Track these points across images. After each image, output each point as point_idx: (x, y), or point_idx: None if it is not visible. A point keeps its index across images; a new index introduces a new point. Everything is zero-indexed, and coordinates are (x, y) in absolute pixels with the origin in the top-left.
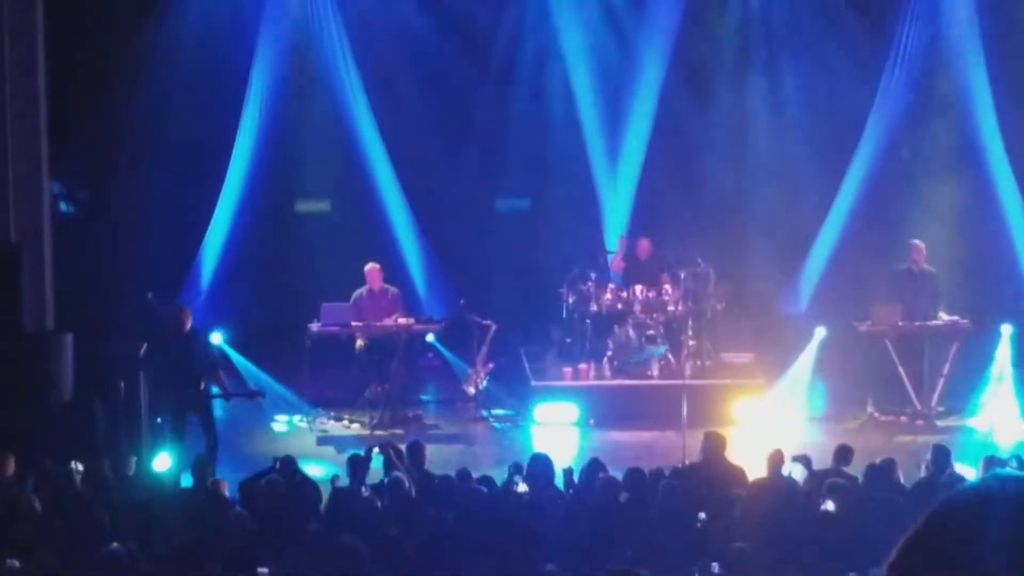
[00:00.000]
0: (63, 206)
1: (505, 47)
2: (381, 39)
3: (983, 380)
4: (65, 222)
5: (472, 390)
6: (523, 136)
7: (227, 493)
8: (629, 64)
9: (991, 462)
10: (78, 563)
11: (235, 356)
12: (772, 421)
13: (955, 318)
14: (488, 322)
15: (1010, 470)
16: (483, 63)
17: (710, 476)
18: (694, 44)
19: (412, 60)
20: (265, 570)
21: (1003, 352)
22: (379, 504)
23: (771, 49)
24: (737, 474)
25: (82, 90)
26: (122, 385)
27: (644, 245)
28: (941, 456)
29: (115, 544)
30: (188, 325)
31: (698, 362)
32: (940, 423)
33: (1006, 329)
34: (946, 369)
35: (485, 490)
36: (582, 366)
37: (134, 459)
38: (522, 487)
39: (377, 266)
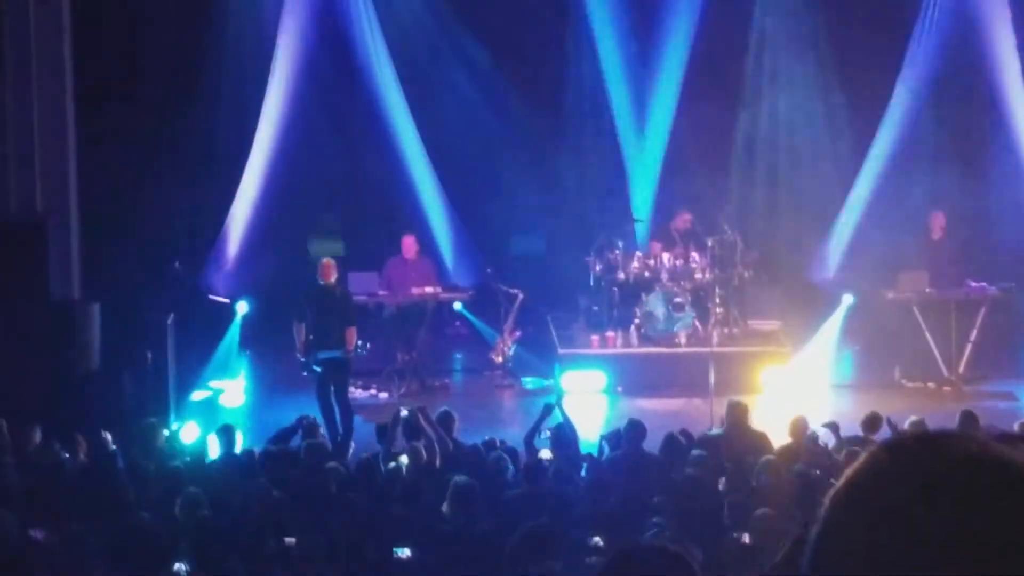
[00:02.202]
0: None
1: (531, 17)
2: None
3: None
4: (91, 192)
5: (500, 358)
6: (551, 106)
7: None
8: (657, 33)
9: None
10: (104, 533)
11: None
12: (799, 389)
13: (983, 284)
14: (515, 291)
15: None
16: (512, 33)
17: (734, 444)
18: (721, 14)
19: (436, 33)
20: (292, 540)
21: None
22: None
23: (798, 19)
24: (761, 441)
25: (109, 61)
26: (149, 355)
27: (684, 218)
28: (970, 422)
29: (143, 514)
30: (333, 277)
31: (725, 330)
32: (968, 390)
33: None
34: (974, 336)
35: (509, 460)
36: (609, 334)
37: (162, 429)
38: (545, 453)
39: (412, 237)
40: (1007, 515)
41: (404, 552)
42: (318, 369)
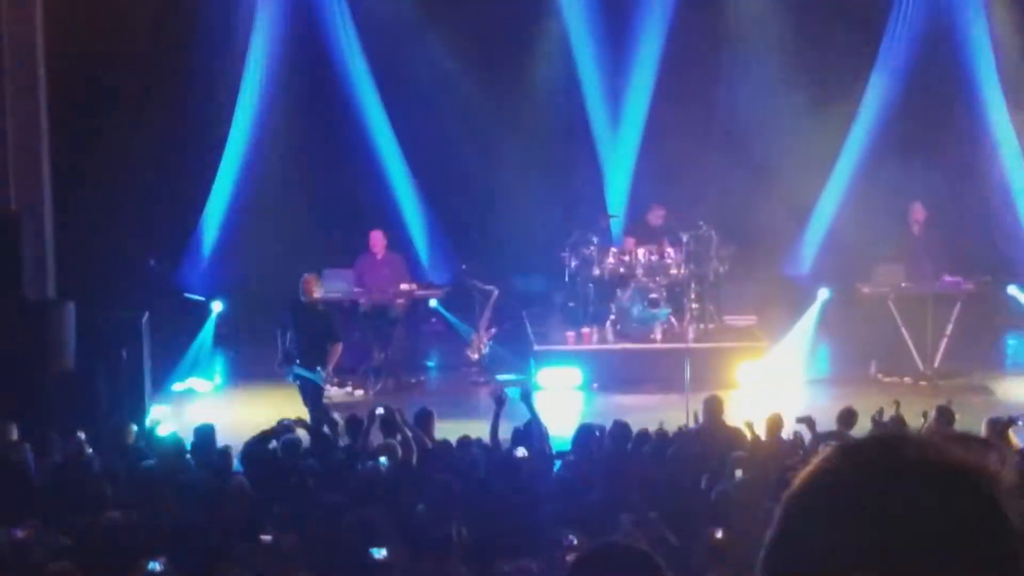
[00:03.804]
0: None
1: (505, 13)
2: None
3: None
4: (66, 190)
5: (475, 355)
6: (525, 101)
7: (233, 461)
8: (631, 28)
9: (995, 423)
10: (79, 532)
11: None
12: (775, 384)
13: (958, 279)
14: (490, 287)
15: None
16: (485, 27)
17: (710, 440)
18: (695, 8)
19: (409, 28)
20: (268, 537)
21: None
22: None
23: (772, 12)
24: (737, 437)
25: (83, 59)
26: (124, 353)
27: (657, 213)
28: (945, 417)
29: (116, 513)
30: (316, 294)
31: (701, 325)
32: (943, 384)
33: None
34: (949, 330)
35: (486, 456)
36: (585, 330)
37: (135, 427)
38: (521, 452)
39: (380, 232)
40: (959, 519)
41: (380, 553)
42: (294, 381)
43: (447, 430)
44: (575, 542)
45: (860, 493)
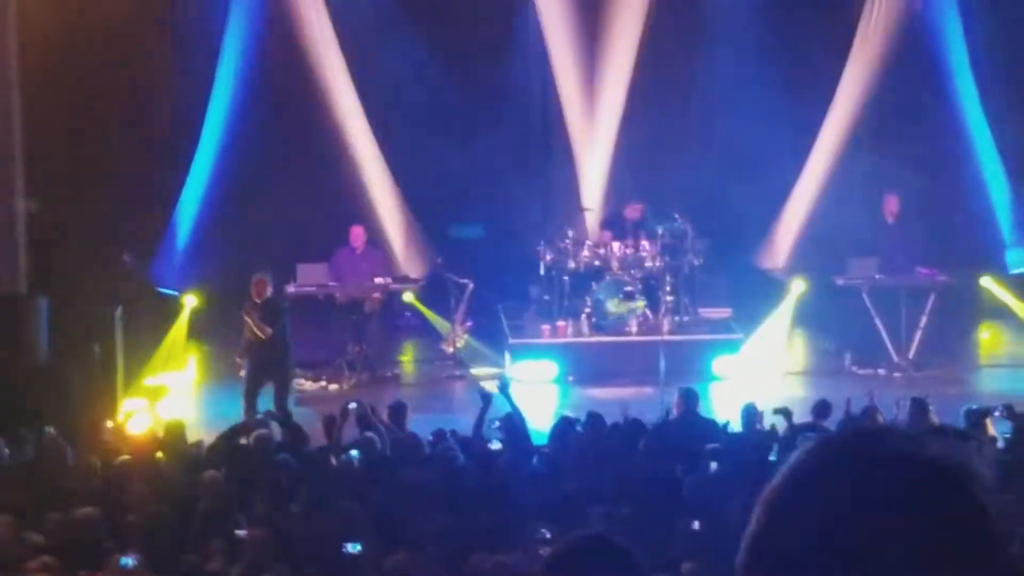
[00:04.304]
0: None
1: (481, 9)
2: None
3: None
4: (38, 184)
5: (450, 349)
6: (502, 94)
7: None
8: (606, 21)
9: (973, 414)
10: (49, 527)
11: None
12: (750, 376)
13: (932, 270)
14: (465, 280)
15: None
16: (461, 21)
17: (685, 432)
18: (671, 1)
19: (386, 23)
20: (243, 532)
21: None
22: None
23: (748, 2)
24: (712, 429)
25: (56, 54)
26: (97, 348)
27: (635, 207)
28: (919, 408)
29: (89, 508)
30: (265, 294)
31: (676, 318)
32: (918, 375)
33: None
34: (923, 322)
35: (460, 450)
36: (560, 323)
37: (108, 422)
38: (496, 445)
39: (361, 228)
40: (934, 511)
41: (355, 548)
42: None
43: (422, 423)
44: (547, 535)
45: (840, 488)
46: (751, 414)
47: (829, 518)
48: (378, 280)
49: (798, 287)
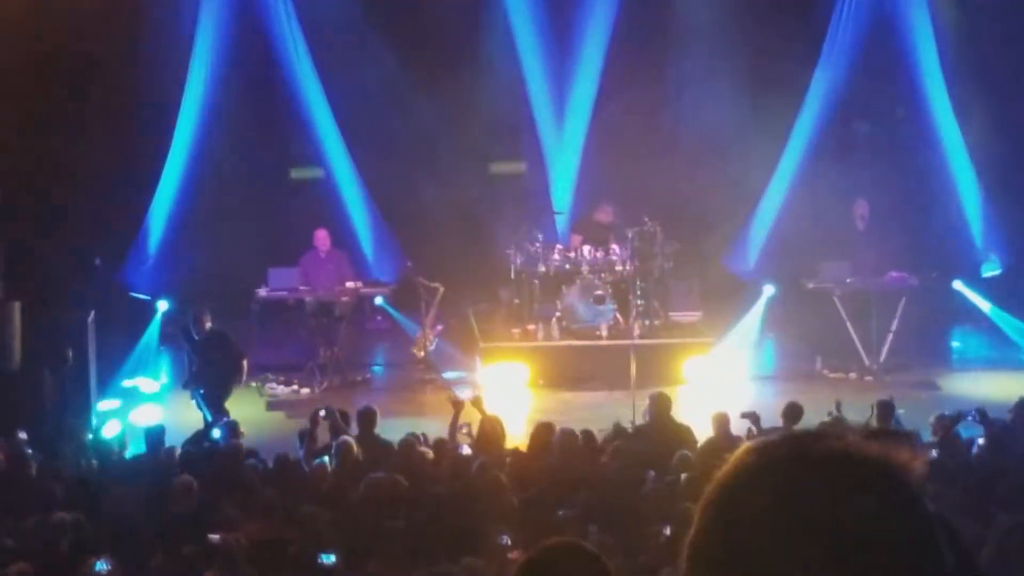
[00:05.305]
0: None
1: (450, 10)
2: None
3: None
4: (11, 188)
5: (421, 352)
6: (471, 99)
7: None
8: (575, 24)
9: (943, 419)
10: (24, 533)
11: None
12: (721, 380)
13: (903, 274)
14: (436, 284)
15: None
16: (430, 25)
17: (657, 437)
18: (640, 5)
19: (355, 26)
20: (216, 537)
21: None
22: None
23: (717, 10)
24: (684, 434)
25: (27, 57)
26: (71, 353)
27: (606, 210)
28: (885, 411)
29: (62, 513)
30: (206, 325)
31: (646, 322)
32: (889, 379)
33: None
34: (894, 326)
35: (431, 454)
36: (530, 327)
37: (83, 427)
38: (467, 450)
39: (325, 231)
40: (868, 512)
41: (329, 559)
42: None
43: (392, 428)
44: (508, 542)
45: (772, 492)
46: (724, 421)
47: (761, 519)
48: (348, 284)
49: (768, 291)
